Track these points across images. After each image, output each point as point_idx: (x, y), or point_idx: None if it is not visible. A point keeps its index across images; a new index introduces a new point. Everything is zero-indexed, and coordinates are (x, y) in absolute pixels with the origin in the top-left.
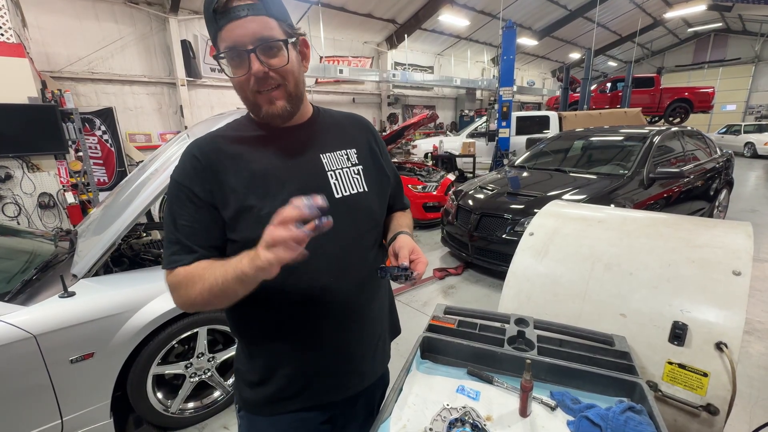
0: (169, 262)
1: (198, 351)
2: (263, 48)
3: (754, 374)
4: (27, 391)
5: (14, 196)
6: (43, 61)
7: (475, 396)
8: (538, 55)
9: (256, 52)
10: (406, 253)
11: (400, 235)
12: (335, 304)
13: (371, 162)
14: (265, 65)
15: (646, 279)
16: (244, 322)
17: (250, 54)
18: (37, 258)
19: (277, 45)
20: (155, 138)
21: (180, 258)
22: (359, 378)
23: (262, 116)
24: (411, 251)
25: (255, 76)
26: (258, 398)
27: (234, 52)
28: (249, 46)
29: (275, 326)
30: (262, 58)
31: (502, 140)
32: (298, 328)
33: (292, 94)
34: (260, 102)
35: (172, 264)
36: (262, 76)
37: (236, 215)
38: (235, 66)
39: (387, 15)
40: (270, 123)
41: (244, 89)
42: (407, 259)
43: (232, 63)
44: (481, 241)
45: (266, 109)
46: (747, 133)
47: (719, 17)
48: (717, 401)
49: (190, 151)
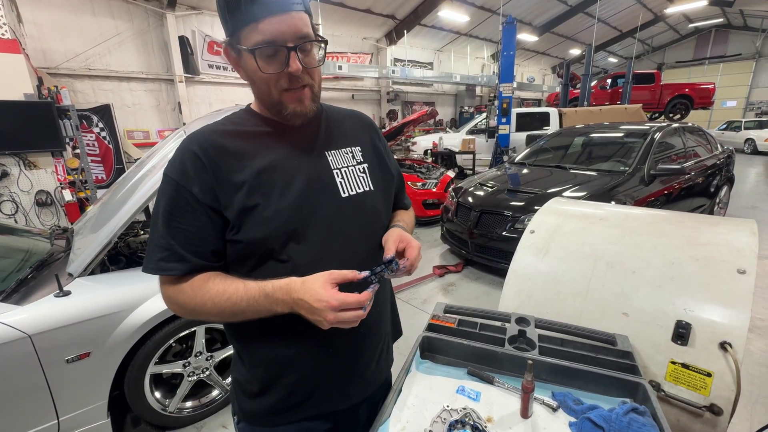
0: (157, 267)
1: (196, 350)
2: (303, 47)
3: (755, 372)
4: (22, 391)
5: (11, 193)
6: (40, 58)
7: (476, 397)
8: (538, 51)
9: (296, 50)
10: (391, 246)
11: (391, 228)
12: None
13: (376, 160)
14: (302, 65)
15: (648, 277)
16: (244, 330)
17: (290, 51)
18: (33, 256)
19: (312, 44)
20: (153, 135)
21: (171, 266)
22: (365, 384)
23: (286, 114)
24: (398, 240)
25: (292, 74)
26: (259, 409)
27: (273, 47)
28: (290, 43)
29: (277, 332)
30: (302, 56)
31: (502, 137)
32: (301, 333)
33: (317, 93)
34: (287, 100)
35: (161, 271)
36: (298, 75)
37: (241, 215)
38: (268, 62)
39: (386, 11)
40: (290, 121)
41: (269, 85)
42: (392, 252)
43: (264, 58)
44: (481, 239)
45: (294, 107)
46: (747, 130)
47: (720, 12)
48: (721, 401)
49: (189, 147)
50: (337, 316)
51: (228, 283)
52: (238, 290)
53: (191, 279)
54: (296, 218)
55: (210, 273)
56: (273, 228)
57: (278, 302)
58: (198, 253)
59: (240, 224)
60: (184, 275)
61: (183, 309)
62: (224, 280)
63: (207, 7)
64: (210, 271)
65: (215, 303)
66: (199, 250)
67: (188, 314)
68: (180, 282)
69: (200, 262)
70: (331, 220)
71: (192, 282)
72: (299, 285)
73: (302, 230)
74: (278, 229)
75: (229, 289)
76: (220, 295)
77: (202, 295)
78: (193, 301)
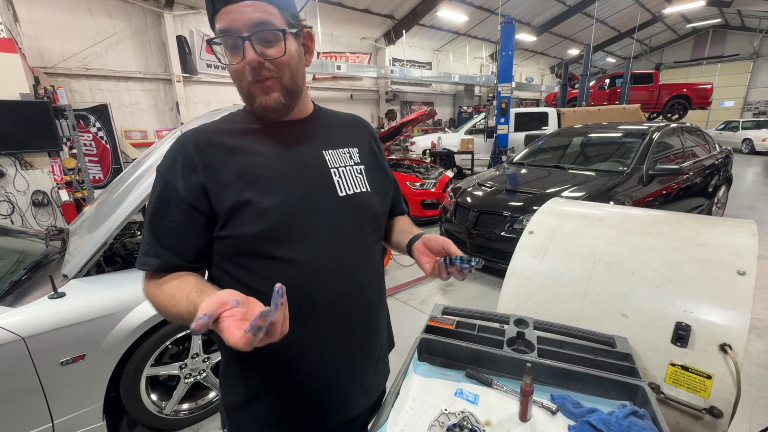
0: (139, 261)
1: (193, 351)
2: (259, 36)
3: (754, 372)
4: (16, 393)
5: (7, 194)
6: (36, 57)
7: (474, 400)
8: (536, 51)
9: (251, 40)
10: (455, 248)
11: (428, 235)
12: (341, 307)
13: (373, 163)
14: (260, 55)
15: (648, 278)
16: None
17: (244, 42)
18: (27, 258)
19: (274, 34)
20: (151, 135)
21: (149, 261)
22: (363, 394)
23: (255, 107)
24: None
25: (249, 65)
26: (251, 421)
27: (228, 37)
28: (244, 32)
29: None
30: (258, 47)
31: (501, 137)
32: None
33: (288, 87)
34: (255, 92)
35: (141, 265)
36: (257, 66)
37: (232, 210)
38: (231, 53)
39: (385, 10)
40: (264, 115)
41: (239, 78)
42: (459, 252)
43: (228, 50)
44: (479, 239)
45: (260, 99)
46: (745, 130)
47: (718, 13)
48: (721, 404)
49: (182, 144)
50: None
51: (180, 288)
52: (181, 300)
53: (163, 277)
54: (292, 214)
55: (177, 273)
56: (268, 223)
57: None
58: (175, 250)
59: (232, 219)
60: (158, 271)
61: (153, 305)
62: (180, 284)
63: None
64: (182, 272)
65: (166, 306)
66: (177, 247)
67: (158, 311)
68: (154, 278)
69: (174, 259)
70: (328, 217)
71: (160, 280)
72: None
73: (298, 227)
74: (273, 224)
75: (177, 295)
76: (170, 299)
77: (160, 294)
78: (155, 299)
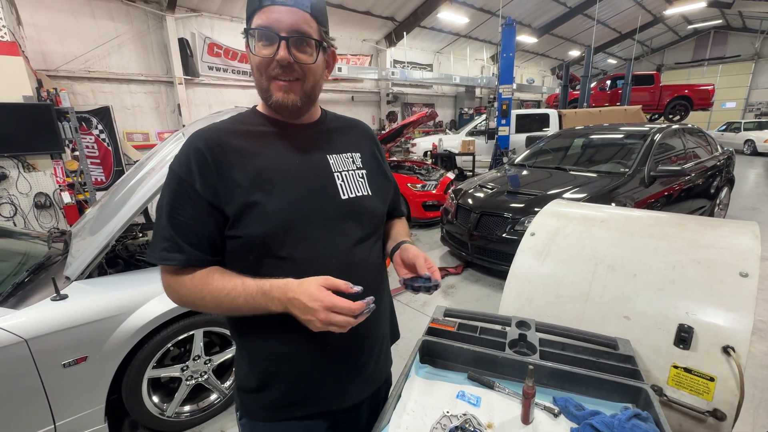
0: (160, 258)
1: (194, 354)
2: (296, 40)
3: (757, 375)
4: (18, 395)
5: (10, 196)
6: (39, 60)
7: (476, 402)
8: (537, 53)
9: (289, 41)
10: (422, 263)
11: (407, 245)
12: None
13: (375, 167)
14: (292, 56)
15: (650, 280)
16: (246, 326)
17: (281, 41)
18: (30, 260)
19: (309, 42)
20: (153, 137)
21: (172, 257)
22: (364, 384)
23: (271, 103)
24: (425, 260)
25: (279, 62)
26: (259, 405)
27: (267, 33)
28: (283, 33)
29: (279, 329)
30: (293, 49)
31: (502, 138)
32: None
33: (308, 92)
34: (274, 89)
35: (163, 261)
36: (287, 65)
37: (240, 211)
38: (263, 46)
39: (386, 12)
40: (276, 112)
41: (261, 71)
42: (425, 270)
43: (260, 42)
44: (481, 240)
45: (278, 97)
46: (747, 131)
47: (719, 14)
48: (724, 406)
49: (194, 143)
50: (329, 316)
51: (227, 280)
52: (236, 287)
53: (193, 272)
54: (296, 216)
55: (212, 268)
56: (273, 225)
57: (274, 300)
58: (197, 245)
59: (240, 220)
60: (184, 267)
61: (181, 299)
62: (223, 276)
63: (207, 9)
64: (210, 266)
65: (214, 297)
66: (198, 243)
67: (186, 305)
68: (181, 273)
69: (198, 254)
70: (331, 219)
71: (194, 276)
72: (296, 285)
73: (302, 228)
74: (278, 226)
75: (227, 286)
76: (219, 290)
77: (202, 288)
78: (192, 294)
